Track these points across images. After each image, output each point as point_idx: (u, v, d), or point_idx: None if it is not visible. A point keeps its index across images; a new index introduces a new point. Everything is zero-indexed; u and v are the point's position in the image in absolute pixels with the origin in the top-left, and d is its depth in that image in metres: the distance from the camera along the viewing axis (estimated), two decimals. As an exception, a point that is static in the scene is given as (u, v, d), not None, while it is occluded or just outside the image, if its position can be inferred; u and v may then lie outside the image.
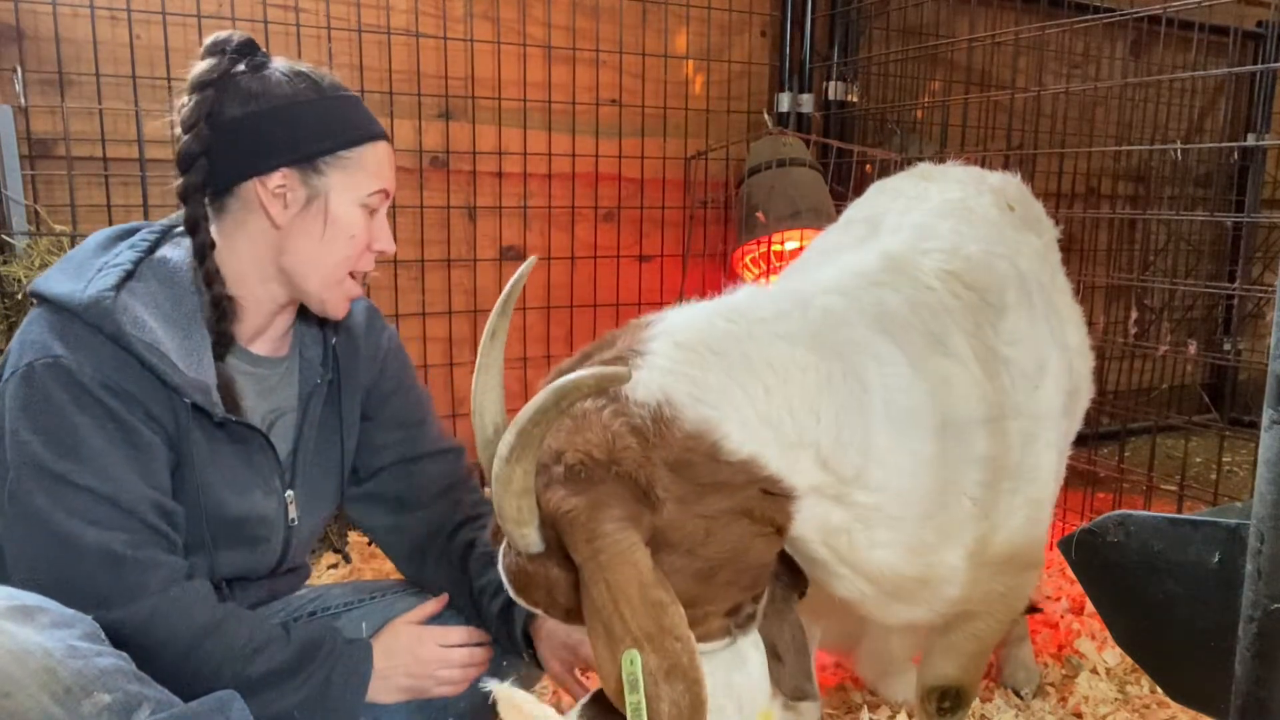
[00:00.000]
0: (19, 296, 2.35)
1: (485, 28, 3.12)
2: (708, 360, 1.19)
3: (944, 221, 1.59)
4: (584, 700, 1.30)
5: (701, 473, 1.15)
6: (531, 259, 1.34)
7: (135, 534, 1.37)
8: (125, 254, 1.47)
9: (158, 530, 1.40)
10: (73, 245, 2.41)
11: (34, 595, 1.25)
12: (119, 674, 1.20)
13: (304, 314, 1.65)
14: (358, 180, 1.52)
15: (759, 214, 3.19)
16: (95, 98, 2.62)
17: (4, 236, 2.47)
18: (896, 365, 1.31)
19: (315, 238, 1.51)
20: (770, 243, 3.18)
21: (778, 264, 3.15)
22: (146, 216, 2.59)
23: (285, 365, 1.63)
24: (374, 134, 1.56)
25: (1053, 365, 1.49)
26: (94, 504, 1.35)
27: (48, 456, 1.34)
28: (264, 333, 1.59)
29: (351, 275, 1.57)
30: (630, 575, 1.06)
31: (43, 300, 1.43)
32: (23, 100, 2.52)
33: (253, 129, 1.47)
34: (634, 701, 1.03)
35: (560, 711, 1.24)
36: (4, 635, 1.15)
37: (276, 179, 1.47)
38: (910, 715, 2.00)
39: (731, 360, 1.20)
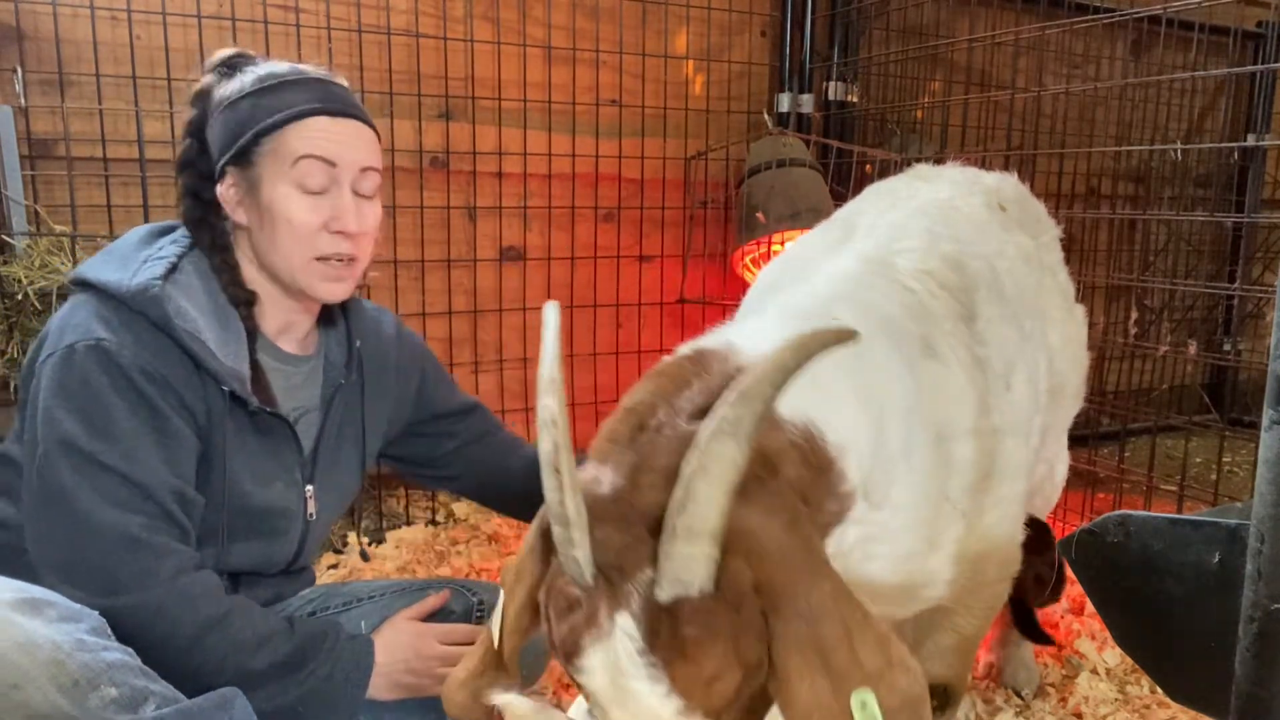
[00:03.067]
0: (19, 297, 2.35)
1: (485, 28, 3.12)
2: (823, 384, 1.13)
3: (919, 220, 1.58)
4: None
5: (821, 504, 1.10)
6: (554, 306, 1.03)
7: (153, 519, 1.38)
8: (169, 248, 1.51)
9: (175, 519, 1.41)
10: (73, 246, 2.43)
11: (42, 589, 1.26)
12: (125, 668, 1.21)
13: (330, 318, 1.69)
14: (281, 161, 1.47)
15: (759, 214, 3.19)
16: (95, 98, 2.62)
17: (4, 237, 2.47)
18: (905, 378, 1.30)
19: (261, 230, 1.51)
20: (770, 243, 3.18)
21: (778, 264, 3.14)
22: (146, 217, 2.59)
23: (310, 365, 1.66)
24: (304, 111, 1.48)
25: (1025, 366, 1.49)
26: (118, 485, 1.36)
27: (79, 435, 1.36)
28: (288, 330, 1.62)
29: (323, 259, 1.51)
30: (857, 605, 0.94)
31: (87, 286, 1.46)
32: (23, 100, 2.52)
33: (211, 137, 1.52)
34: None
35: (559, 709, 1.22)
36: (13, 628, 1.16)
37: (228, 179, 1.51)
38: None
39: (840, 389, 1.18)
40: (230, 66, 1.54)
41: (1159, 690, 2.06)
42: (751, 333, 1.20)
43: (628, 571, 0.92)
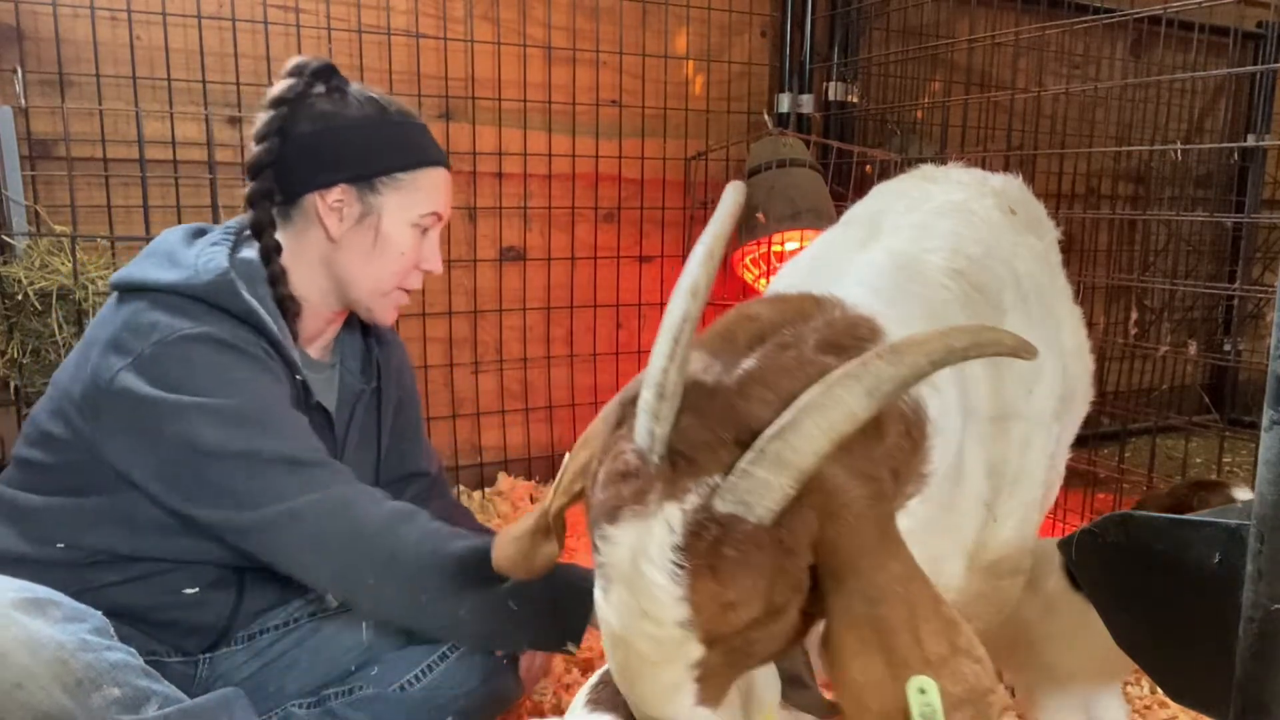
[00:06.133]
0: (19, 297, 2.35)
1: (485, 28, 3.12)
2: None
3: (943, 221, 1.58)
4: (591, 683, 1.27)
5: (905, 483, 1.07)
6: (739, 187, 1.06)
7: (314, 441, 1.45)
8: (211, 250, 1.54)
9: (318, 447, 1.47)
10: (73, 246, 2.43)
11: (46, 589, 1.26)
12: (128, 669, 1.22)
13: (349, 324, 1.74)
14: (411, 201, 1.59)
15: (759, 215, 3.19)
16: (95, 98, 2.62)
17: (4, 237, 2.47)
18: (962, 379, 1.28)
19: (365, 252, 1.59)
20: (770, 243, 3.18)
21: (778, 265, 3.14)
22: (147, 217, 2.59)
23: (328, 372, 1.71)
24: (432, 160, 1.63)
25: (1046, 369, 1.49)
26: (266, 423, 1.41)
27: (211, 399, 1.39)
28: (319, 338, 1.68)
29: (404, 290, 1.66)
30: (926, 588, 0.90)
31: (143, 291, 1.47)
32: (23, 101, 2.52)
33: (318, 146, 1.55)
34: None
35: (560, 711, 1.20)
36: (17, 627, 1.16)
37: (335, 194, 1.56)
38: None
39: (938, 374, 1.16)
40: (326, 78, 1.60)
41: (1159, 690, 2.06)
42: (846, 293, 1.14)
43: (697, 468, 0.88)
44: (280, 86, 1.58)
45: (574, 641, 1.43)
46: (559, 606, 1.41)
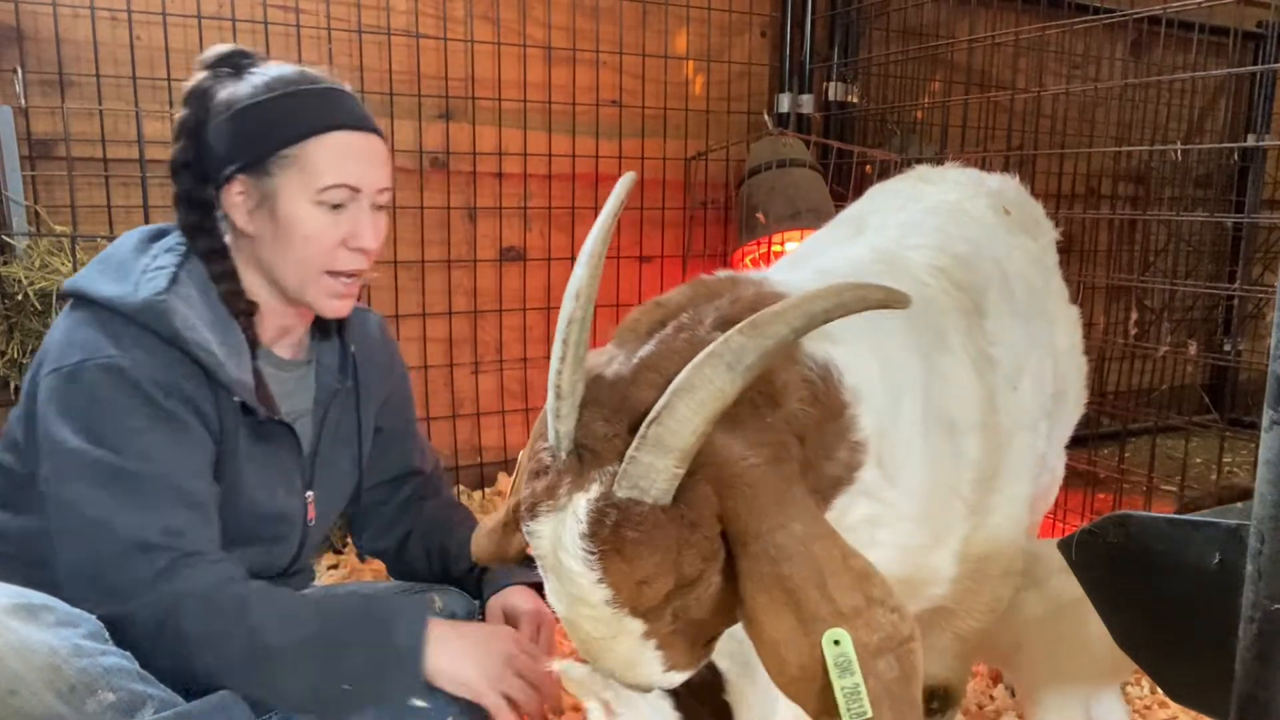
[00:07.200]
0: (19, 297, 2.35)
1: (485, 28, 3.12)
2: (844, 339, 1.10)
3: (931, 219, 1.58)
4: None
5: (830, 450, 1.09)
6: (630, 175, 1.12)
7: (174, 521, 1.36)
8: (165, 258, 1.47)
9: (202, 518, 1.40)
10: (73, 246, 2.43)
11: (40, 594, 1.26)
12: (123, 673, 1.21)
13: (321, 322, 1.66)
14: (305, 178, 1.45)
15: (759, 215, 3.19)
16: (95, 98, 2.62)
17: (4, 237, 2.47)
18: (917, 359, 1.30)
19: (271, 240, 1.48)
20: (770, 243, 3.18)
21: (778, 264, 3.15)
22: (146, 217, 2.59)
23: (302, 370, 1.65)
24: (325, 125, 1.46)
25: (1032, 367, 1.49)
26: (135, 490, 1.34)
27: (89, 449, 1.34)
28: (284, 336, 1.60)
29: (335, 274, 1.51)
30: (833, 544, 0.93)
31: (86, 301, 1.42)
32: (23, 101, 2.52)
33: (215, 140, 1.47)
34: (850, 685, 0.89)
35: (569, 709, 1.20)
36: (10, 633, 1.16)
37: (236, 187, 1.47)
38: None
39: (860, 339, 1.14)
40: (233, 67, 1.50)
41: (1159, 690, 2.06)
42: (788, 278, 1.19)
43: (600, 459, 0.95)
44: (190, 83, 1.49)
45: (414, 674, 1.38)
46: (378, 626, 1.40)
